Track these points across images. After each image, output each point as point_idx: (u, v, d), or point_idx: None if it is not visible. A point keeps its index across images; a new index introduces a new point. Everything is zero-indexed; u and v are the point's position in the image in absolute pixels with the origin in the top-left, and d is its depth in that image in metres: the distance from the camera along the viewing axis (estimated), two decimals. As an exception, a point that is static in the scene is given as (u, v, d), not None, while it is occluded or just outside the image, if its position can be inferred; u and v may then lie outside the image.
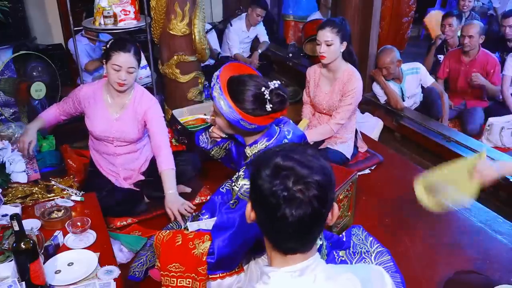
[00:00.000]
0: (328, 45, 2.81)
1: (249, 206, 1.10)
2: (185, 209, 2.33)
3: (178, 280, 1.83)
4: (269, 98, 1.65)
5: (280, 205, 1.00)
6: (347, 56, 2.93)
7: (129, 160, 2.71)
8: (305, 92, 3.20)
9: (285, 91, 1.72)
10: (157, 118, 2.63)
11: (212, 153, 2.15)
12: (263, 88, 1.66)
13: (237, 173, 1.82)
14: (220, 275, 1.86)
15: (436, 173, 1.89)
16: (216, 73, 1.72)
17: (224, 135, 1.94)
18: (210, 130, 2.01)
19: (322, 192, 1.01)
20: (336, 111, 2.96)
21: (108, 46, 2.46)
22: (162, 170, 2.52)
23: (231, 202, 1.76)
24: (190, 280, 1.82)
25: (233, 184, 1.79)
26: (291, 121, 1.92)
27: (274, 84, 1.68)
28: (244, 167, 1.79)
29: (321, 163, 1.05)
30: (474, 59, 4.01)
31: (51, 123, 2.75)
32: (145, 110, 2.59)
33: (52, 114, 2.72)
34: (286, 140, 1.77)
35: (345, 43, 2.86)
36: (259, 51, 5.26)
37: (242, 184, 1.72)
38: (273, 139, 1.78)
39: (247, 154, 1.83)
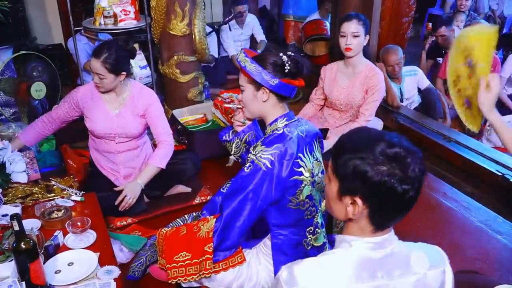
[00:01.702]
0: (354, 37, 2.81)
1: (358, 201, 1.12)
2: (128, 203, 2.54)
3: (187, 268, 1.83)
4: (287, 61, 1.80)
5: (407, 188, 1.09)
6: (365, 50, 2.97)
7: (130, 157, 2.72)
8: (315, 90, 3.19)
9: (300, 59, 1.89)
10: (157, 116, 2.65)
11: (233, 147, 2.18)
12: (281, 54, 1.82)
13: (254, 144, 1.88)
14: (223, 266, 1.85)
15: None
16: (240, 51, 1.90)
17: (247, 121, 2.04)
18: (234, 118, 2.12)
19: (424, 164, 1.15)
20: (363, 108, 2.96)
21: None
22: (149, 162, 2.64)
23: (246, 165, 1.79)
24: (198, 266, 1.82)
25: (249, 154, 1.84)
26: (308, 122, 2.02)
27: (289, 52, 1.85)
28: (262, 139, 1.85)
29: (407, 141, 1.15)
30: None
31: (31, 142, 2.75)
32: (145, 107, 2.61)
33: (34, 131, 2.71)
34: (302, 127, 1.86)
35: (368, 37, 2.88)
36: (258, 51, 5.25)
37: (259, 150, 1.77)
38: (292, 120, 1.87)
39: (267, 133, 1.90)
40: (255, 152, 1.79)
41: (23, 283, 1.57)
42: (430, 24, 5.10)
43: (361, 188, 1.10)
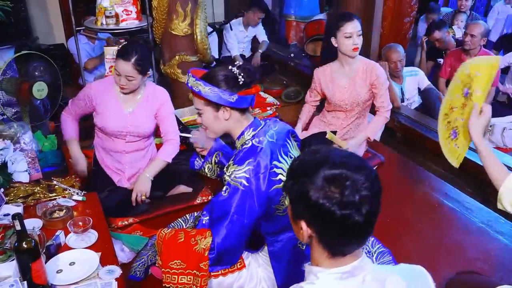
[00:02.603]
0: (358, 36, 2.81)
1: (303, 225, 1.10)
2: (141, 199, 2.57)
3: (179, 277, 1.83)
4: (238, 73, 1.76)
5: (347, 213, 1.02)
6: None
7: (136, 158, 2.73)
8: (309, 92, 3.18)
9: (251, 66, 1.88)
10: (168, 115, 2.68)
11: (206, 171, 2.19)
12: (230, 67, 1.78)
13: (227, 164, 1.85)
14: (222, 272, 1.87)
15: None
16: (187, 73, 1.84)
17: (206, 144, 2.00)
18: (194, 146, 2.11)
19: (378, 185, 1.07)
20: (379, 101, 2.98)
21: (118, 49, 2.55)
22: (157, 156, 2.66)
23: (223, 189, 1.76)
24: (191, 277, 1.82)
25: (224, 174, 1.81)
26: (278, 120, 1.98)
27: (237, 63, 1.81)
28: (233, 157, 1.82)
29: (359, 160, 1.10)
30: None
31: (77, 133, 2.79)
32: (158, 106, 2.63)
33: (71, 126, 2.75)
34: (271, 131, 1.83)
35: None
36: (260, 51, 5.27)
37: (233, 170, 1.74)
38: (258, 128, 1.83)
39: (237, 147, 1.87)
40: (229, 173, 1.76)
41: (25, 282, 1.57)
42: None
43: (305, 213, 1.08)
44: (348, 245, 1.09)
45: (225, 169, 1.82)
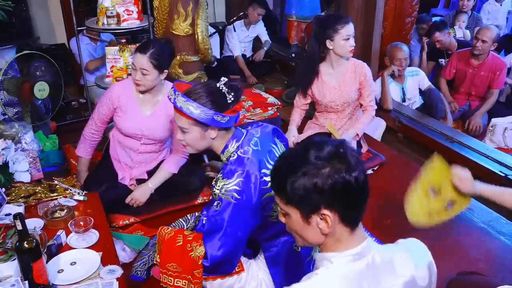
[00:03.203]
0: (353, 37, 2.84)
1: (326, 212, 1.12)
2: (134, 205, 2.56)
3: (175, 280, 1.84)
4: (227, 91, 1.73)
5: (356, 175, 1.10)
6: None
7: (148, 159, 2.70)
8: (298, 96, 3.14)
9: (234, 82, 1.82)
10: None
11: None
12: (217, 84, 1.74)
13: (215, 178, 1.82)
14: (220, 276, 1.87)
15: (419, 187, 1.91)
16: (171, 89, 1.76)
17: (192, 151, 1.91)
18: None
19: (352, 148, 1.19)
20: (367, 100, 2.99)
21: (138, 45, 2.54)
22: (162, 167, 2.62)
23: (215, 204, 1.74)
24: (186, 281, 1.83)
25: (213, 188, 1.79)
26: (260, 123, 1.96)
27: (222, 80, 1.76)
28: (221, 170, 1.80)
29: (328, 138, 1.21)
30: (483, 62, 3.99)
31: (91, 153, 2.77)
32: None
33: (89, 147, 2.73)
34: (255, 139, 1.81)
35: None
36: (265, 48, 5.31)
37: (222, 184, 1.72)
38: (241, 139, 1.80)
39: (223, 161, 1.84)
40: (219, 187, 1.73)
41: (26, 282, 1.57)
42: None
43: (322, 200, 1.11)
44: (362, 210, 1.17)
45: (213, 183, 1.80)
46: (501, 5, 5.74)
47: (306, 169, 1.10)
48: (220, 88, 1.73)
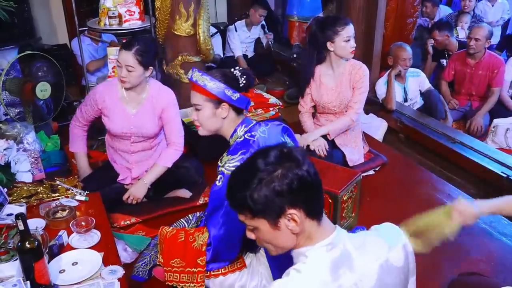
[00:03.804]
0: (353, 38, 2.83)
1: (293, 211, 1.15)
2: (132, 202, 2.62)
3: (181, 275, 1.86)
4: (240, 75, 1.85)
5: (306, 168, 1.15)
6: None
7: (143, 157, 2.73)
8: (302, 100, 3.12)
9: (249, 71, 1.95)
10: (173, 117, 2.66)
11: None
12: (232, 69, 1.87)
13: (221, 157, 1.88)
14: (222, 271, 1.87)
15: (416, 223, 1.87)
16: (191, 70, 1.89)
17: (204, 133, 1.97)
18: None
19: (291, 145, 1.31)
20: (352, 102, 2.96)
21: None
22: (156, 162, 2.66)
23: (217, 179, 1.79)
24: (190, 275, 1.84)
25: (218, 167, 1.84)
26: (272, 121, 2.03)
27: (237, 67, 1.90)
28: (227, 149, 1.87)
29: (269, 144, 1.28)
30: (480, 61, 4.01)
31: (85, 146, 2.83)
32: (163, 107, 2.61)
33: (79, 139, 2.79)
34: (263, 128, 1.87)
35: None
36: (270, 41, 5.38)
37: (226, 160, 1.79)
38: (250, 125, 1.88)
39: (230, 144, 1.91)
40: (223, 163, 1.80)
41: (28, 282, 1.58)
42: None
43: (285, 201, 1.14)
44: (321, 201, 1.22)
45: (219, 161, 1.85)
46: (492, 6, 5.76)
47: (260, 178, 1.13)
48: (234, 72, 1.85)
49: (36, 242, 1.56)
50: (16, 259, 1.68)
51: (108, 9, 3.30)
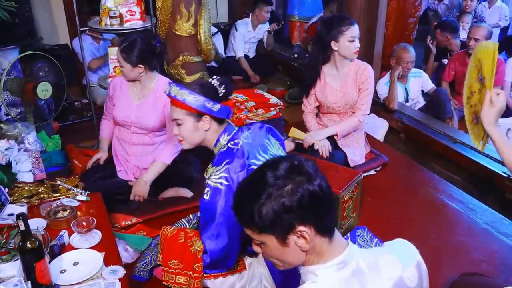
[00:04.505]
0: (358, 38, 2.83)
1: (302, 228, 1.09)
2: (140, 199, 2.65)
3: (177, 277, 1.86)
4: (218, 84, 1.84)
5: (318, 182, 1.09)
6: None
7: (142, 151, 2.75)
8: (306, 99, 3.11)
9: (227, 79, 1.92)
10: None
11: None
12: (210, 79, 1.87)
13: (206, 169, 1.88)
14: (222, 273, 1.87)
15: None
16: (167, 84, 1.89)
17: (187, 147, 1.96)
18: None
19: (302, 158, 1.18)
20: (358, 103, 2.96)
21: None
22: (156, 159, 2.69)
23: (205, 192, 1.78)
24: (187, 278, 1.84)
25: (206, 180, 1.83)
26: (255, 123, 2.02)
27: (215, 77, 1.89)
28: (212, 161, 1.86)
29: (278, 155, 1.26)
30: None
31: (110, 133, 2.91)
32: (165, 102, 2.64)
33: (106, 127, 2.90)
34: (247, 133, 1.87)
35: None
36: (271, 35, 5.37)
37: (211, 172, 1.78)
38: (233, 132, 1.88)
39: (215, 153, 1.90)
40: (208, 175, 1.79)
41: (29, 282, 1.58)
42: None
43: (294, 217, 1.08)
44: (333, 218, 1.16)
45: (204, 174, 1.85)
46: (489, 8, 5.76)
47: (269, 192, 1.07)
48: (212, 82, 1.85)
49: (37, 242, 1.56)
50: (17, 259, 1.68)
51: (109, 9, 3.30)
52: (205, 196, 1.76)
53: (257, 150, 1.84)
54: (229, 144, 1.83)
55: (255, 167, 1.72)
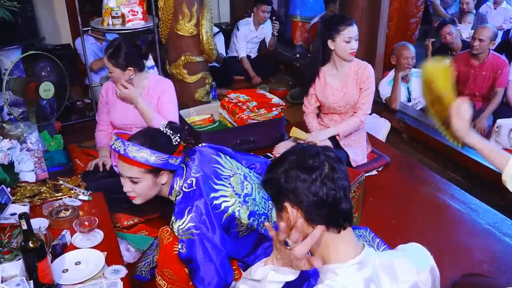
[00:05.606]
0: (356, 40, 2.81)
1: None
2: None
3: (168, 285, 1.82)
4: (170, 133, 1.76)
5: (333, 188, 1.09)
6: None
7: None
8: (307, 100, 3.09)
9: (175, 123, 1.84)
10: (166, 102, 2.69)
11: None
12: (161, 128, 1.78)
13: (171, 221, 1.79)
14: None
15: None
16: (118, 140, 1.73)
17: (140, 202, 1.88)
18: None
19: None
20: (360, 103, 2.94)
21: None
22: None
23: (180, 247, 1.70)
24: None
25: (174, 232, 1.76)
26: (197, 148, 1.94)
27: (163, 124, 1.80)
28: (173, 212, 1.77)
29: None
30: (484, 62, 3.98)
31: (107, 141, 2.84)
32: (159, 95, 2.67)
33: (103, 138, 2.84)
34: (195, 167, 1.79)
35: None
36: (275, 37, 5.37)
37: (177, 226, 1.70)
38: (184, 174, 1.79)
39: (173, 200, 1.82)
40: (176, 230, 1.71)
41: (31, 282, 1.58)
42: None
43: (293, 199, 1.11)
44: (344, 215, 1.13)
45: (170, 225, 1.77)
46: (494, 9, 5.73)
47: (302, 180, 1.09)
48: (164, 131, 1.76)
49: (39, 242, 1.56)
50: (20, 259, 1.69)
51: (111, 9, 3.31)
52: (181, 250, 1.69)
53: (211, 180, 1.78)
54: (183, 189, 1.74)
55: (216, 201, 1.71)
